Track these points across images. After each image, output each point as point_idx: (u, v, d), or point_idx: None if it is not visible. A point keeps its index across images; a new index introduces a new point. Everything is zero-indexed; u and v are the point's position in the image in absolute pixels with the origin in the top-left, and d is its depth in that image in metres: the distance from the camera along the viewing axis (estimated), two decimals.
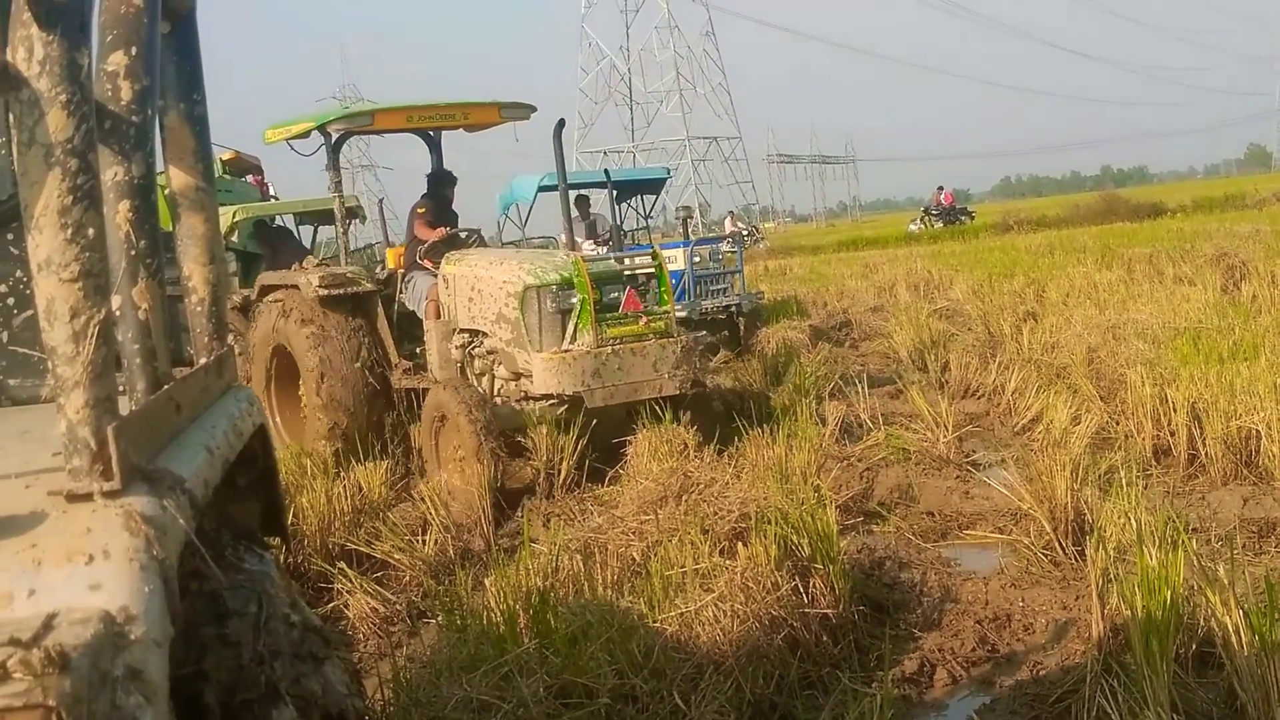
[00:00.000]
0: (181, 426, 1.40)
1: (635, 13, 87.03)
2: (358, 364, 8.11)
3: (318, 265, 8.78)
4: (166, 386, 1.40)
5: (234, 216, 11.25)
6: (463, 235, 8.58)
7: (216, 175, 10.20)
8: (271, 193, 14.45)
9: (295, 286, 8.37)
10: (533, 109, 8.85)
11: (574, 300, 7.31)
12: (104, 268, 1.18)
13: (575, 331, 7.30)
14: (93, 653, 0.95)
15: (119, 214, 1.40)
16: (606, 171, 14.48)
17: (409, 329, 8.51)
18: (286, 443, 8.38)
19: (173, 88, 1.76)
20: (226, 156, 13.71)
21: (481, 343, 7.78)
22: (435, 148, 9.22)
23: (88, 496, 1.12)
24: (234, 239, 11.34)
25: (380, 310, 8.44)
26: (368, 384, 8.13)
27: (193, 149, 1.77)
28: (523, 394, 7.47)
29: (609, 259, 8.37)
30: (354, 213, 12.36)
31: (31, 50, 1.15)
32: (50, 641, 0.93)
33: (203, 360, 1.70)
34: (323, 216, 12.43)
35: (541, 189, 13.31)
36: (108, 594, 1.03)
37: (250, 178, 14.13)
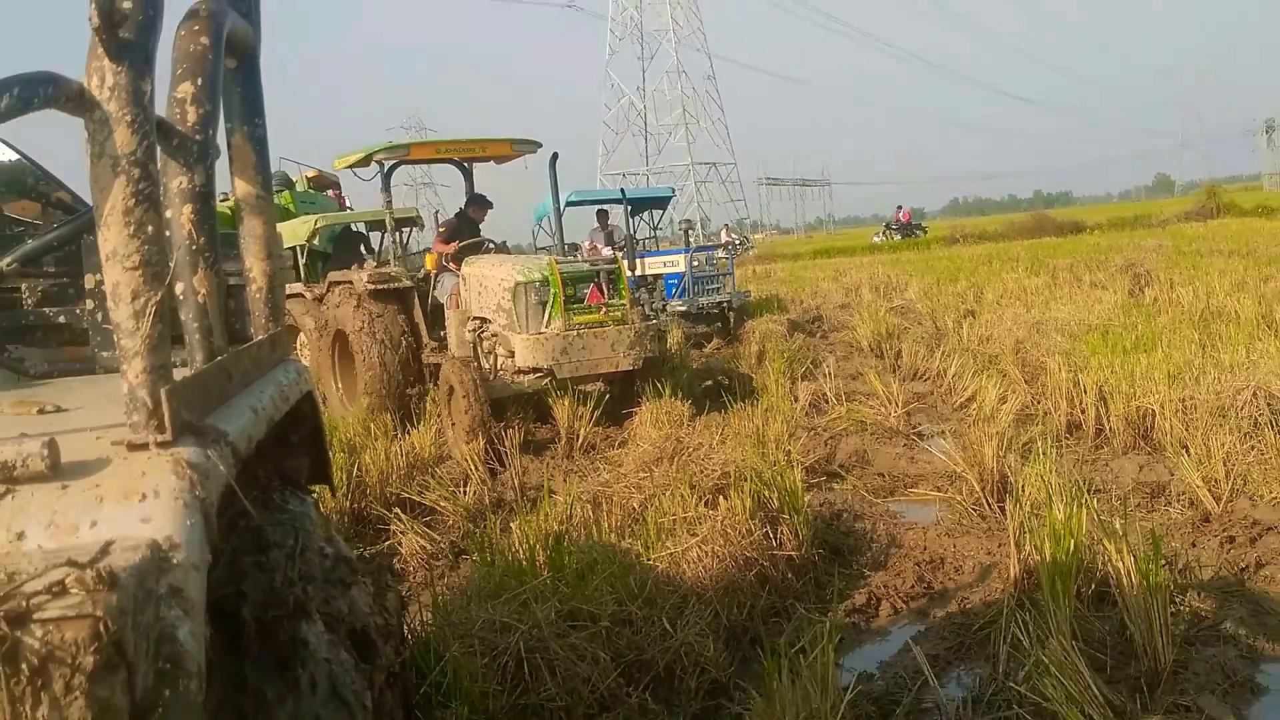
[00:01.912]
0: (233, 391, 1.39)
1: (650, 60, 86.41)
2: (395, 343, 8.38)
3: (376, 266, 8.98)
4: (220, 358, 1.39)
5: (315, 224, 11.21)
6: (489, 245, 8.77)
7: (302, 190, 10.31)
8: (348, 204, 14.38)
9: (350, 283, 8.66)
10: (539, 144, 8.98)
11: (550, 293, 7.51)
12: (161, 258, 1.16)
13: (549, 318, 7.49)
14: (139, 573, 0.94)
15: (183, 215, 1.38)
16: (623, 190, 14.49)
17: (440, 317, 8.72)
18: (348, 407, 8.51)
19: (238, 113, 1.74)
20: (311, 174, 13.63)
21: (487, 327, 7.97)
22: (467, 175, 9.40)
23: (144, 446, 1.11)
24: (315, 242, 11.31)
25: (416, 302, 8.70)
26: (403, 359, 8.39)
27: (254, 164, 1.75)
28: (516, 369, 7.62)
29: (580, 262, 8.44)
30: (413, 221, 12.33)
31: (104, 78, 1.14)
32: (103, 564, 0.93)
33: (258, 337, 1.69)
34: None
35: (570, 203, 13.45)
36: (156, 526, 1.02)
37: (330, 192, 14.06)
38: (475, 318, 8.08)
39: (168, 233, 1.33)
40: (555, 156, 8.70)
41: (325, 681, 1.38)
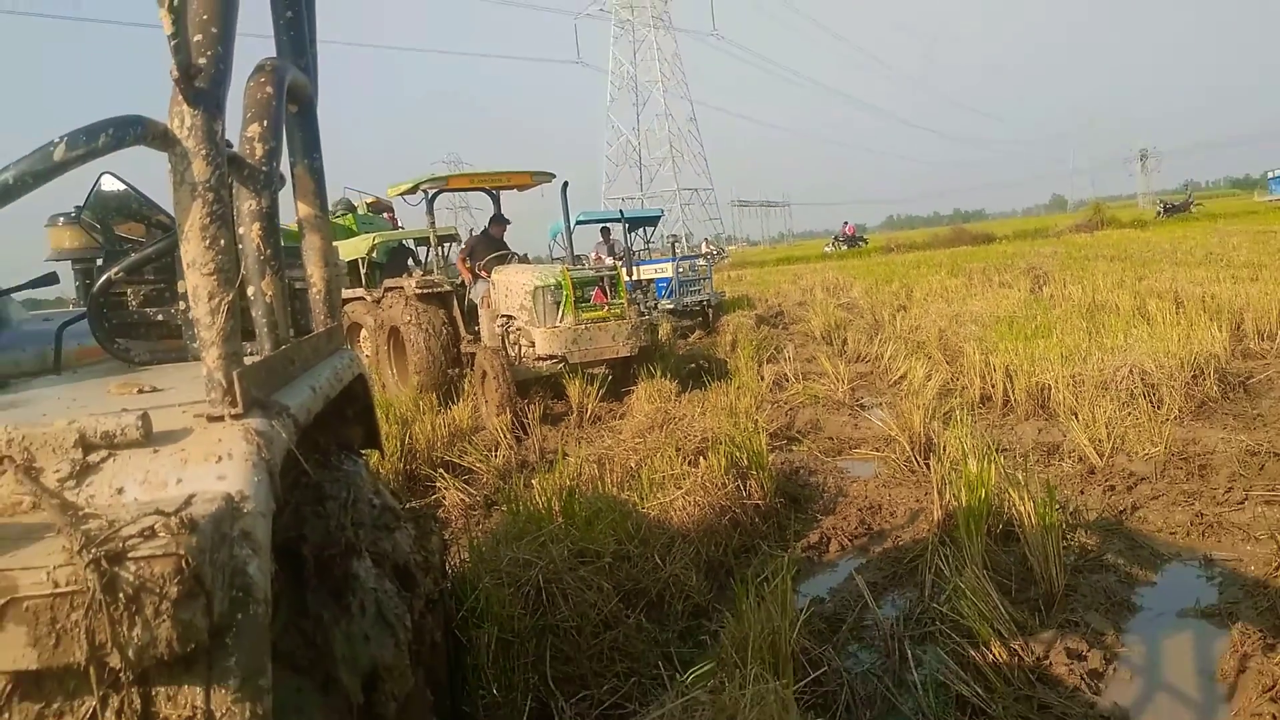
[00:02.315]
0: (296, 374, 1.38)
1: (643, 106, 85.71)
2: (438, 332, 8.38)
3: (422, 274, 8.99)
4: (284, 347, 1.38)
5: (373, 241, 11.16)
6: (514, 256, 8.74)
7: (362, 213, 10.27)
8: (400, 224, 14.30)
9: (401, 288, 8.66)
10: (553, 175, 8.95)
11: (563, 295, 7.51)
12: (232, 266, 1.16)
13: (562, 315, 7.48)
14: (216, 520, 0.94)
15: (252, 232, 1.37)
16: (621, 211, 14.43)
17: (473, 315, 8.71)
18: (401, 390, 8.51)
19: (299, 149, 1.72)
20: (370, 200, 13.53)
21: (512, 323, 7.97)
22: (495, 200, 9.36)
23: (220, 418, 1.11)
24: (374, 255, 11.25)
25: (455, 303, 8.70)
26: (444, 344, 8.40)
27: (313, 190, 1.73)
28: (536, 356, 7.62)
29: (587, 269, 8.37)
30: (453, 238, 12.27)
31: (183, 120, 1.13)
32: (186, 512, 0.92)
33: (317, 330, 1.67)
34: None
35: (579, 222, 13.41)
36: (230, 482, 1.02)
37: (385, 214, 13.98)
38: (503, 315, 8.09)
39: (240, 246, 1.32)
40: (566, 185, 8.69)
41: (373, 607, 1.37)
